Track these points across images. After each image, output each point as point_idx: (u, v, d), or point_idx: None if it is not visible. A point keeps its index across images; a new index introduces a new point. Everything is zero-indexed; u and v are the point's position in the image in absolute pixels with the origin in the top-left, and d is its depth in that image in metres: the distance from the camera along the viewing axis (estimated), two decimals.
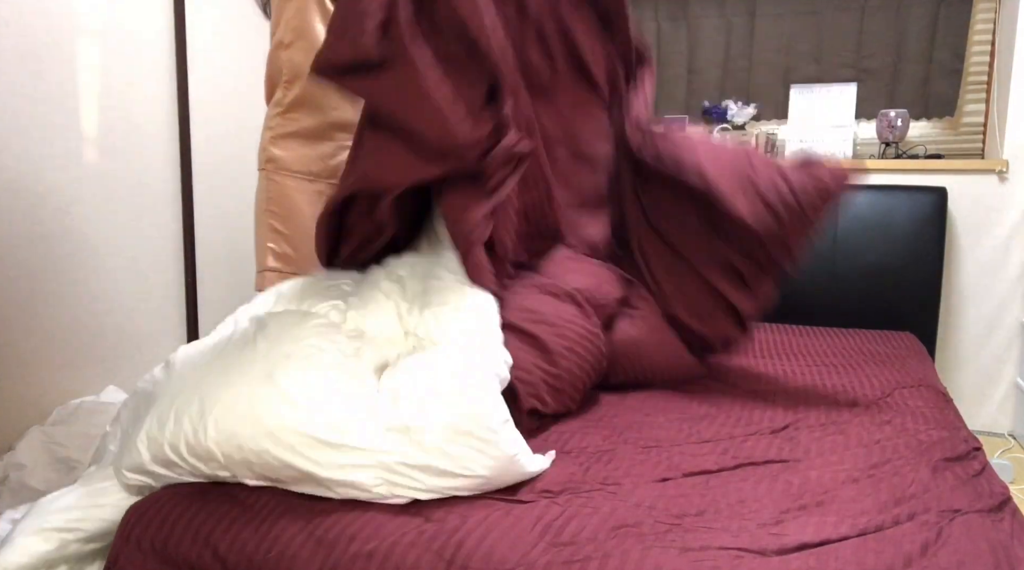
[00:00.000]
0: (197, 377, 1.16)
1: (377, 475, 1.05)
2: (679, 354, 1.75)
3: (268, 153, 1.72)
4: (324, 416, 1.07)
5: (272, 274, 1.70)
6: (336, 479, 1.05)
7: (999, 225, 2.59)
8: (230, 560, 1.02)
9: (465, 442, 1.07)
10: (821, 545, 0.96)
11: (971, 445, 1.33)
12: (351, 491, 1.06)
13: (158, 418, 1.11)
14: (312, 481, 1.06)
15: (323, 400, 1.09)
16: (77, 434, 1.92)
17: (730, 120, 2.96)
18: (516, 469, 1.11)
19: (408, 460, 1.06)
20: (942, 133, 2.84)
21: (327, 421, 1.07)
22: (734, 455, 1.28)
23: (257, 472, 1.08)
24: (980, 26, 2.72)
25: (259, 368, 1.13)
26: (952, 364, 2.69)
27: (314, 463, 1.04)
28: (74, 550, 1.11)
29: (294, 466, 1.05)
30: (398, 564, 0.96)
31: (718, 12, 3.04)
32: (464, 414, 1.09)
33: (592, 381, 1.56)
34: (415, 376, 1.15)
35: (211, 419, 1.07)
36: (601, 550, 0.95)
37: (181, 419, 1.09)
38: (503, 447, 1.09)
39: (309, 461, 1.04)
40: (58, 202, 2.05)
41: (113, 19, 2.19)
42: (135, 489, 1.17)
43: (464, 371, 1.15)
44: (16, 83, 1.93)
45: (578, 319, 1.53)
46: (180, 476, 1.12)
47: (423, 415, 1.08)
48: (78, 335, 2.14)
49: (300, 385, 1.10)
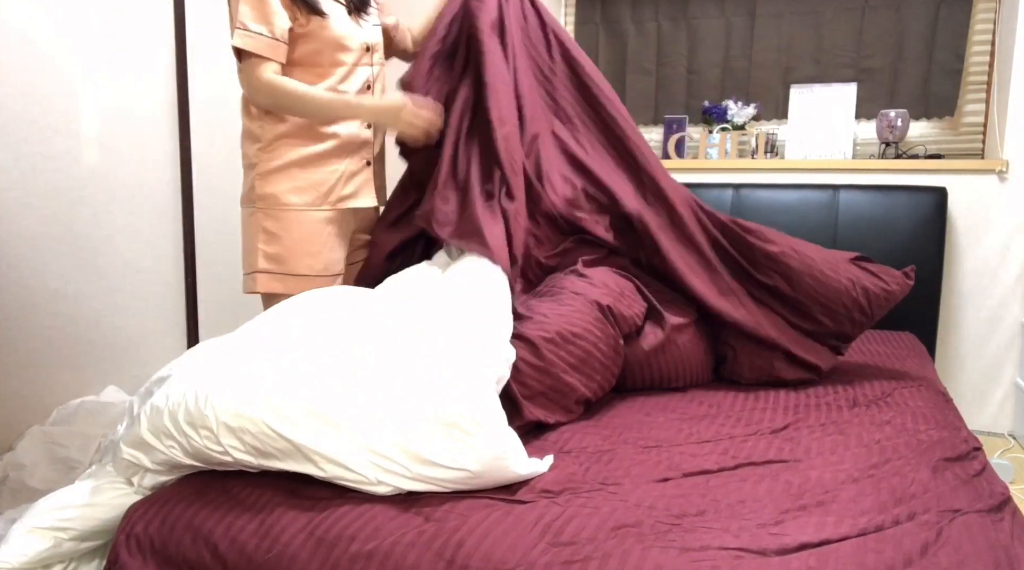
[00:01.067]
0: (208, 356, 1.21)
1: (366, 458, 1.08)
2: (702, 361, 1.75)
3: (258, 192, 1.66)
4: (324, 393, 1.10)
5: (263, 276, 1.68)
6: (327, 455, 1.07)
7: (999, 225, 2.59)
8: (230, 560, 1.02)
9: (451, 434, 1.09)
10: (821, 545, 0.96)
11: (971, 445, 1.33)
12: (338, 470, 1.08)
13: (167, 391, 1.16)
14: (301, 456, 1.08)
15: (324, 379, 1.13)
16: (77, 434, 1.92)
17: (730, 120, 2.96)
18: (505, 468, 1.11)
19: (397, 444, 1.08)
20: (942, 133, 2.84)
21: (326, 398, 1.10)
22: (734, 455, 1.28)
23: (248, 444, 1.09)
24: (980, 26, 2.72)
25: (266, 347, 1.19)
26: (952, 364, 2.69)
27: (308, 438, 1.08)
28: (69, 548, 1.12)
29: (289, 438, 1.08)
30: (398, 564, 0.96)
31: (718, 12, 3.04)
32: (453, 406, 1.10)
33: (598, 396, 1.56)
34: (413, 363, 1.17)
35: (214, 388, 1.11)
36: (601, 550, 0.95)
37: (187, 390, 1.13)
38: (491, 443, 1.10)
39: (304, 435, 1.08)
40: (58, 202, 2.05)
41: (114, 19, 2.19)
42: (128, 468, 1.18)
43: (460, 364, 1.17)
44: (16, 83, 1.93)
45: (596, 331, 1.54)
46: (168, 451, 1.13)
47: (414, 402, 1.11)
48: (78, 335, 2.14)
49: (303, 364, 1.15)
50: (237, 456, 1.10)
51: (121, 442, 1.17)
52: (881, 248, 2.52)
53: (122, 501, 1.16)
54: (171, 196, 2.43)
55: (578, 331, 1.51)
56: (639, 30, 3.15)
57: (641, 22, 3.14)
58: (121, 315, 2.27)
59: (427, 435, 1.09)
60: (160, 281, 2.40)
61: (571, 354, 1.47)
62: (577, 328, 1.51)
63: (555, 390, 1.44)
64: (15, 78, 1.92)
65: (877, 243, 2.52)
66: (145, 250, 2.34)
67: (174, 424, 1.12)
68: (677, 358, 1.69)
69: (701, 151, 2.96)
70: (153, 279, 2.38)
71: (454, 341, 1.23)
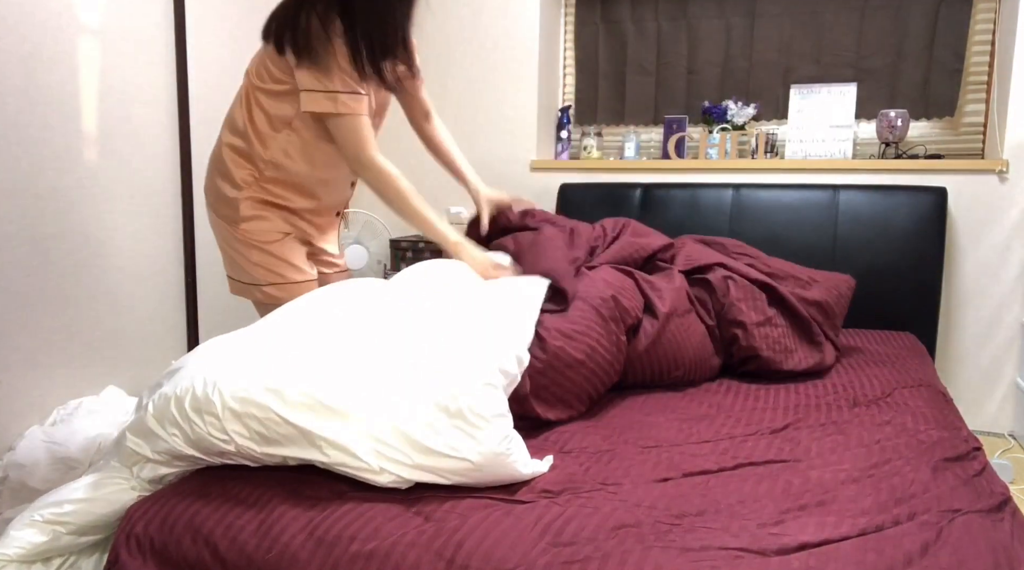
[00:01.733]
0: (220, 348, 1.24)
1: (369, 446, 1.09)
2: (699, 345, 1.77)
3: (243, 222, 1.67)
4: (331, 380, 1.13)
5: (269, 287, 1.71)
6: (332, 441, 1.09)
7: (999, 225, 2.59)
8: (230, 560, 1.02)
9: (454, 424, 1.11)
10: (821, 545, 0.96)
11: (971, 445, 1.33)
12: (342, 456, 1.09)
13: (176, 380, 1.17)
14: (306, 441, 1.10)
15: (332, 366, 1.15)
16: (77, 434, 1.92)
17: (730, 120, 2.96)
18: (508, 465, 1.12)
19: (401, 431, 1.10)
20: (942, 133, 2.84)
21: (333, 385, 1.12)
22: (734, 455, 1.28)
23: (252, 430, 1.10)
24: (980, 26, 2.72)
25: (276, 338, 1.23)
26: (952, 364, 2.69)
27: (314, 423, 1.09)
28: (67, 542, 1.13)
29: (294, 423, 1.09)
30: (398, 564, 0.96)
31: (718, 12, 3.04)
32: (461, 397, 1.12)
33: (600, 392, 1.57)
34: (425, 353, 1.20)
35: (222, 375, 1.13)
36: (601, 550, 0.95)
37: (195, 376, 1.15)
38: (493, 438, 1.11)
39: (309, 420, 1.09)
40: (58, 203, 2.05)
41: (113, 19, 2.19)
42: (131, 457, 1.18)
43: (473, 358, 1.19)
44: (16, 83, 1.93)
45: (597, 328, 1.55)
46: (171, 438, 1.14)
47: (421, 391, 1.13)
48: (78, 335, 2.14)
49: (313, 352, 1.18)
50: (240, 443, 1.11)
51: (127, 430, 1.18)
52: (881, 248, 2.52)
53: (121, 497, 1.16)
54: (171, 196, 2.43)
55: (581, 328, 1.52)
56: (639, 30, 3.15)
57: (641, 22, 3.14)
58: (121, 315, 2.27)
59: (432, 423, 1.10)
60: (160, 281, 2.40)
61: (576, 349, 1.48)
62: (579, 325, 1.52)
63: (558, 385, 1.45)
64: (15, 78, 1.92)
65: (877, 243, 2.52)
66: (145, 250, 2.34)
67: (179, 411, 1.13)
68: (673, 346, 1.70)
69: (701, 151, 2.96)
70: (153, 279, 2.38)
71: (471, 337, 1.25)
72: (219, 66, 2.57)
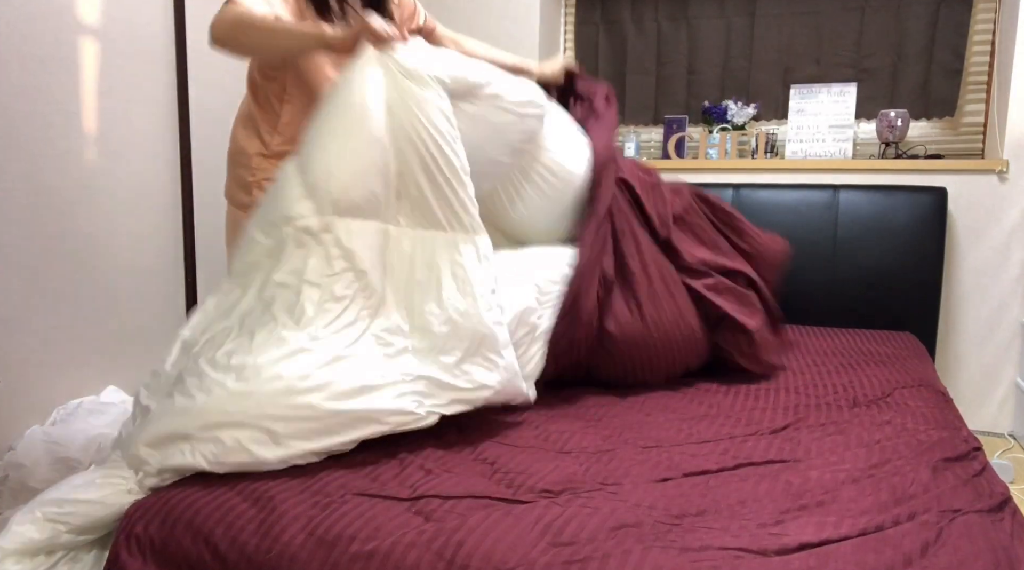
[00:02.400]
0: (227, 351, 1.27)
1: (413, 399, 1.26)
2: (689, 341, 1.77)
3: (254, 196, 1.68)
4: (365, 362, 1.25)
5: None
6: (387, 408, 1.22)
7: (999, 225, 2.59)
8: (230, 559, 1.02)
9: (477, 362, 1.33)
10: (821, 545, 0.96)
11: (971, 445, 1.33)
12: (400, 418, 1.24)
13: (194, 390, 1.19)
14: (364, 421, 1.21)
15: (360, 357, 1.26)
16: (77, 434, 1.92)
17: (730, 120, 2.96)
18: (517, 384, 1.39)
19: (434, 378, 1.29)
20: (942, 133, 2.84)
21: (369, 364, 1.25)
22: (734, 455, 1.28)
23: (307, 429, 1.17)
24: (980, 26, 2.72)
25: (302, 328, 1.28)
26: (952, 364, 2.69)
27: (362, 402, 1.20)
28: (66, 540, 1.13)
29: (343, 411, 1.19)
30: (398, 564, 0.96)
31: (718, 12, 3.04)
32: (478, 340, 1.34)
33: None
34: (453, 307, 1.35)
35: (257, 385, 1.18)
36: (601, 550, 0.95)
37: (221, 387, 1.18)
38: (507, 366, 1.37)
39: (357, 400, 1.20)
40: (58, 203, 2.05)
41: (113, 19, 2.19)
42: (136, 462, 1.18)
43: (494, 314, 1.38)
44: (16, 83, 1.93)
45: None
46: (194, 458, 1.15)
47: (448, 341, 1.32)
48: (78, 335, 2.14)
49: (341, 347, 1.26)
50: (296, 447, 1.16)
51: (138, 439, 1.17)
52: (881, 248, 2.52)
53: (120, 499, 1.16)
54: (171, 196, 2.42)
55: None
56: (639, 30, 3.15)
57: (641, 22, 3.14)
58: (121, 315, 2.27)
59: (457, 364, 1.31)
60: (160, 281, 2.40)
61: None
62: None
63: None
64: (15, 78, 1.92)
65: (877, 243, 2.52)
66: (145, 250, 2.34)
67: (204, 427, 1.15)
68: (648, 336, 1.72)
69: (701, 151, 2.96)
70: (153, 279, 2.38)
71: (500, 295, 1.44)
72: (219, 66, 2.57)
